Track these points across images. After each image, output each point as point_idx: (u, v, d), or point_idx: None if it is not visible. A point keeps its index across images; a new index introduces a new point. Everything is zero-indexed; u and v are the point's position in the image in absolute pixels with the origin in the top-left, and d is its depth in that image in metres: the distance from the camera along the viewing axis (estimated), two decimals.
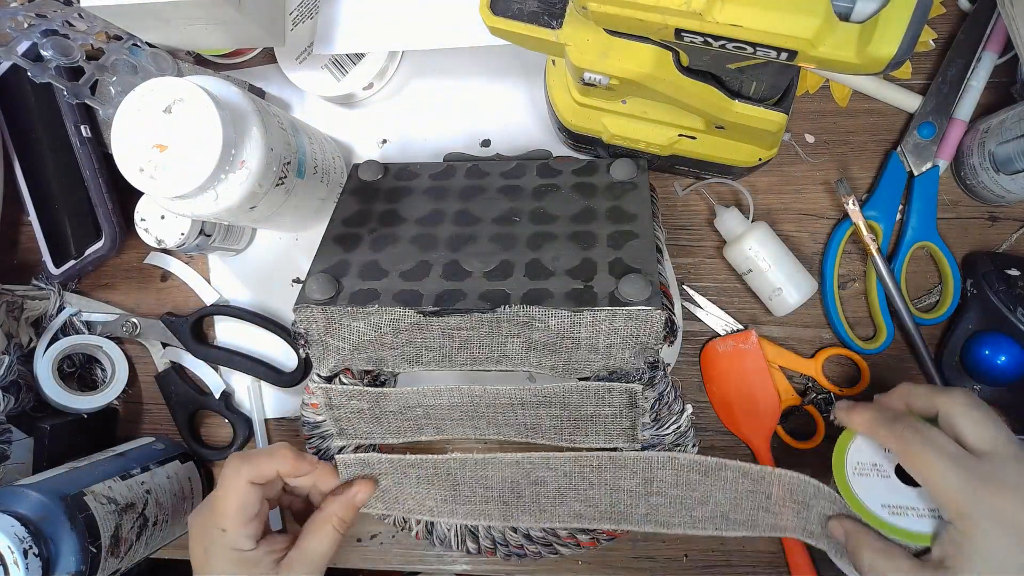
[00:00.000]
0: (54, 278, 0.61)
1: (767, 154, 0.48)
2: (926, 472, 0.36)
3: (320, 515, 0.44)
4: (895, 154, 0.52)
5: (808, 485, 0.41)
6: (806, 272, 0.52)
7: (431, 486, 0.46)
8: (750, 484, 0.42)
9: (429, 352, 0.42)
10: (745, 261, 0.51)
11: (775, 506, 0.42)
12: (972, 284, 0.51)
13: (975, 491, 0.34)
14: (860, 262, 0.54)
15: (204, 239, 0.55)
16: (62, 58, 0.53)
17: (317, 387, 0.45)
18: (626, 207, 0.46)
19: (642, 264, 0.41)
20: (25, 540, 0.43)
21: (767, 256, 0.51)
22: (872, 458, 0.41)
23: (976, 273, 0.50)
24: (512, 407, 0.43)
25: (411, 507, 0.47)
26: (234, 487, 0.41)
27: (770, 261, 0.51)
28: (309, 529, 0.43)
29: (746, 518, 0.43)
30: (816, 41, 0.31)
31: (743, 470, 0.42)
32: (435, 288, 0.42)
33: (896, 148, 0.53)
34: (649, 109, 0.47)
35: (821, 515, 0.42)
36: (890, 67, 0.31)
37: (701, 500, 0.43)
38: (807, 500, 0.42)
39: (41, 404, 0.58)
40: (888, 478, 0.40)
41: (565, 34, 0.40)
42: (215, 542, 0.41)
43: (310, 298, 0.42)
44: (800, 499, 0.42)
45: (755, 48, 0.33)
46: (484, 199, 0.48)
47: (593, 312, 0.39)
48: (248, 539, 0.41)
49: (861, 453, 0.41)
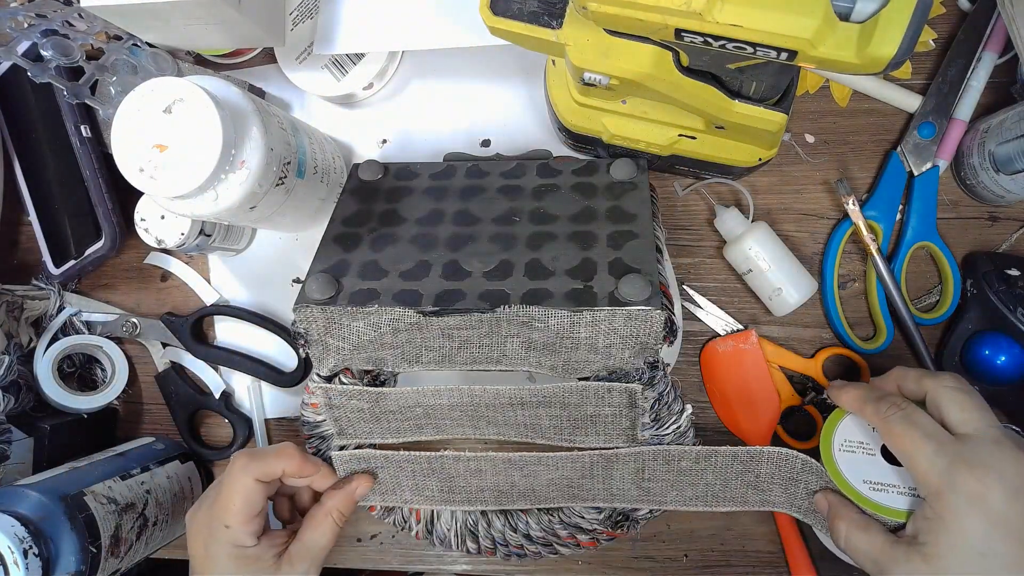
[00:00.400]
0: (54, 278, 0.61)
1: (767, 154, 0.48)
2: (906, 450, 0.37)
3: (320, 509, 0.44)
4: (895, 154, 0.52)
5: (795, 460, 0.43)
6: (806, 272, 0.51)
7: (427, 478, 0.47)
8: (740, 466, 0.43)
9: (429, 352, 0.42)
10: (745, 261, 0.51)
11: (764, 483, 0.44)
12: (972, 284, 0.51)
13: (952, 471, 0.35)
14: (860, 262, 0.54)
15: (204, 239, 0.55)
16: (62, 58, 0.53)
17: (317, 387, 0.45)
18: (626, 207, 0.46)
19: (642, 264, 0.41)
20: (25, 540, 0.43)
21: (767, 256, 0.51)
22: (859, 436, 0.42)
23: (976, 273, 0.50)
24: (512, 407, 0.43)
25: (407, 498, 0.48)
26: (241, 484, 0.42)
27: (770, 261, 0.51)
28: (309, 523, 0.44)
29: (736, 495, 0.45)
30: (816, 41, 0.31)
31: (733, 454, 0.43)
32: (435, 288, 0.42)
33: (896, 148, 0.53)
34: (649, 109, 0.47)
35: (808, 490, 0.43)
36: (890, 67, 0.31)
37: (692, 482, 0.44)
38: (795, 475, 0.43)
39: (41, 404, 0.58)
40: (873, 456, 0.41)
41: (565, 34, 0.40)
42: (217, 539, 0.41)
43: (310, 298, 0.42)
44: (788, 475, 0.43)
45: (755, 48, 0.33)
46: (484, 199, 0.48)
47: (593, 312, 0.39)
48: (250, 536, 0.41)
49: (849, 431, 0.42)
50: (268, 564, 0.42)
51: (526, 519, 0.49)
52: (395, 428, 0.46)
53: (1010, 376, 0.49)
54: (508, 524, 0.49)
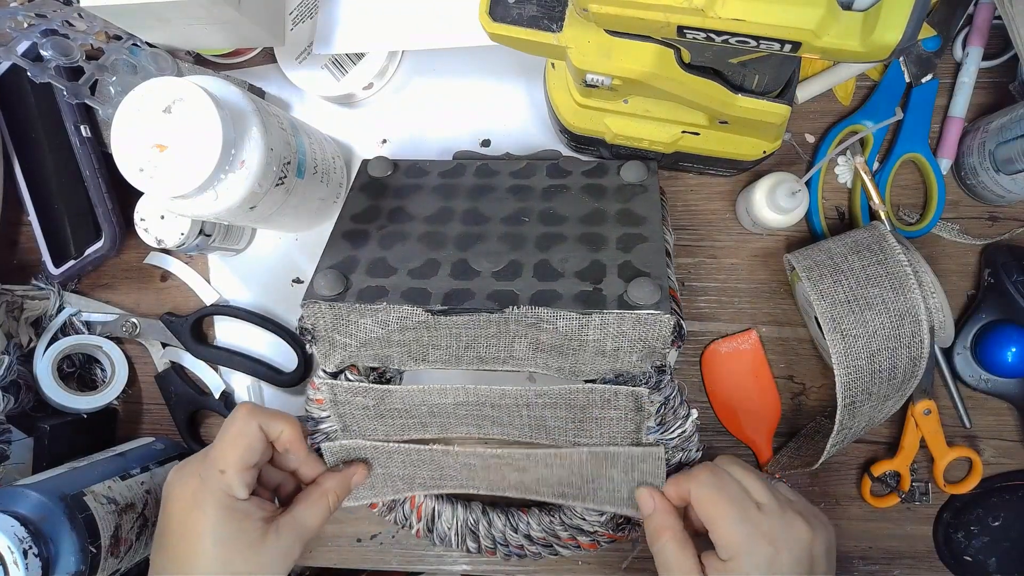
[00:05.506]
0: (54, 278, 0.61)
1: (771, 146, 0.48)
2: (710, 514, 0.39)
3: (317, 488, 0.44)
4: (896, 62, 0.52)
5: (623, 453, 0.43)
6: None
7: (417, 468, 0.47)
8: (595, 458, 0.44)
9: (436, 350, 0.42)
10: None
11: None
12: (990, 274, 0.51)
13: (751, 540, 0.38)
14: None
15: (204, 239, 0.55)
16: (62, 58, 0.53)
17: (322, 383, 0.45)
18: (636, 210, 0.46)
19: (651, 268, 0.41)
20: (25, 540, 0.43)
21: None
22: None
23: (994, 263, 0.51)
24: (517, 407, 0.43)
25: (400, 487, 0.48)
26: (244, 428, 0.41)
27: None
28: (304, 499, 0.43)
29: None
30: (820, 31, 0.31)
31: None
32: (443, 287, 0.42)
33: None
34: (651, 107, 0.47)
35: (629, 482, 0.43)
36: (895, 54, 0.31)
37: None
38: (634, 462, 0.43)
39: (41, 404, 0.58)
40: None
41: (566, 37, 0.40)
42: (208, 485, 0.40)
43: (318, 294, 0.42)
44: (628, 461, 0.43)
45: (758, 42, 0.32)
46: (493, 198, 0.48)
47: (602, 315, 0.39)
48: (243, 488, 0.40)
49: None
50: (256, 525, 0.40)
51: (527, 519, 0.49)
52: (399, 426, 0.46)
53: (1021, 369, 0.49)
54: (509, 524, 0.49)
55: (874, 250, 0.46)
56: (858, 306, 0.45)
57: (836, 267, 0.46)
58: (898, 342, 0.44)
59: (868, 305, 0.45)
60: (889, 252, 0.45)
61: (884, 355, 0.44)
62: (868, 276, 0.45)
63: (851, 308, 0.45)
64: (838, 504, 0.54)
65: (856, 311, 0.45)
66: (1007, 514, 0.51)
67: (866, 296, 0.45)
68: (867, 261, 0.46)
